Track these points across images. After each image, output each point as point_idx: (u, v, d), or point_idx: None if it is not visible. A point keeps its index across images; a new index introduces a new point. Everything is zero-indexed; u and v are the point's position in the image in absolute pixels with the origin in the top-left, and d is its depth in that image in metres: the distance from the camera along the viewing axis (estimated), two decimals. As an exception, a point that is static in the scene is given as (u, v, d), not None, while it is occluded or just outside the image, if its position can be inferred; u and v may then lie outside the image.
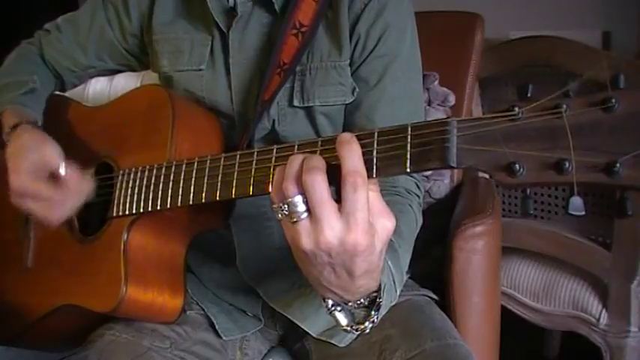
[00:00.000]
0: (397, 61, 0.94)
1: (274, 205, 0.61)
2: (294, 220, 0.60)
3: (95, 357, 0.88)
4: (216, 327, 0.98)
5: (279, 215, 0.61)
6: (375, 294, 0.68)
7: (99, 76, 1.21)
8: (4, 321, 1.03)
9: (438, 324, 0.94)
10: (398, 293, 0.77)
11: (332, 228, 0.58)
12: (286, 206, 0.60)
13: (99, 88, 1.73)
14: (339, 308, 0.68)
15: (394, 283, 0.76)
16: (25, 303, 1.00)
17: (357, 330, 0.69)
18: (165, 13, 1.04)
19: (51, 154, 0.90)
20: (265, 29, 0.97)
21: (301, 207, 0.59)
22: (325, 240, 0.59)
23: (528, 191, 0.58)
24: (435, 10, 1.41)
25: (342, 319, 0.69)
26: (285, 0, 0.95)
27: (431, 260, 1.23)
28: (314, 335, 0.95)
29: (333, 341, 0.93)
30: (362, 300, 0.68)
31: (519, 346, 1.89)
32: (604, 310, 1.51)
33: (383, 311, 0.70)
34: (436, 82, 1.38)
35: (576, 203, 0.54)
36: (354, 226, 0.58)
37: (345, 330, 0.69)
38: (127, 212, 0.87)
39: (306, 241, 0.60)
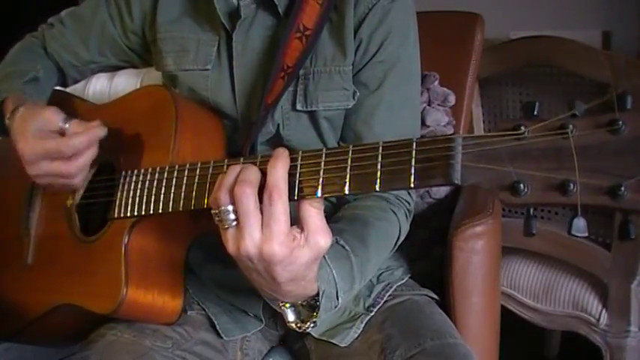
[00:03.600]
0: (398, 67, 0.94)
1: (212, 211, 0.67)
2: (225, 226, 0.66)
3: (96, 357, 0.88)
4: (217, 327, 0.98)
5: (215, 220, 0.67)
6: (316, 297, 0.74)
7: (101, 71, 1.21)
8: (3, 317, 1.03)
9: (438, 323, 0.94)
10: (341, 301, 0.79)
11: (252, 238, 0.64)
12: (219, 213, 0.66)
13: (99, 88, 1.73)
14: (288, 305, 0.75)
15: (337, 291, 0.78)
16: (24, 300, 1.00)
17: (299, 328, 0.76)
18: (170, 11, 1.04)
19: (52, 115, 0.90)
20: (269, 32, 0.97)
21: (231, 215, 0.65)
22: (245, 248, 0.64)
23: (532, 211, 0.58)
24: (435, 10, 1.41)
25: (290, 315, 0.76)
26: (289, 2, 0.95)
27: (431, 260, 1.23)
28: (315, 335, 0.95)
29: (334, 341, 0.93)
30: (309, 300, 0.74)
31: (519, 346, 1.89)
32: (604, 310, 1.51)
33: (323, 314, 0.75)
34: (436, 82, 1.38)
35: (579, 225, 0.54)
36: (270, 237, 0.63)
37: (290, 326, 0.76)
38: (128, 214, 0.86)
39: (231, 247, 0.66)
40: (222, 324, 0.98)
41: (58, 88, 1.14)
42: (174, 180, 0.81)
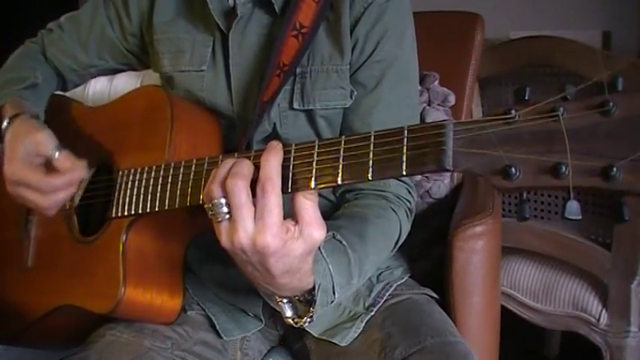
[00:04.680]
0: (395, 66, 0.95)
1: (205, 205, 0.68)
2: (219, 219, 0.66)
3: (96, 357, 0.88)
4: (217, 327, 0.98)
5: (209, 214, 0.67)
6: (313, 291, 0.74)
7: (100, 75, 1.21)
8: (3, 320, 1.03)
9: (438, 322, 0.94)
10: (337, 296, 0.80)
11: (245, 230, 0.64)
12: (212, 206, 0.66)
13: (99, 88, 1.73)
14: (285, 300, 0.75)
15: (334, 286, 0.79)
16: (24, 302, 1.00)
17: (296, 323, 0.76)
18: (166, 12, 1.04)
19: (43, 141, 0.90)
20: (265, 30, 0.97)
21: (224, 209, 0.65)
22: (238, 240, 0.64)
23: (525, 195, 0.58)
24: (435, 10, 1.41)
25: (287, 310, 0.76)
26: (285, 1, 0.95)
27: (431, 260, 1.23)
28: (315, 335, 0.95)
29: (334, 340, 0.93)
30: (306, 295, 0.74)
31: (519, 346, 1.89)
32: (604, 310, 1.51)
33: (319, 309, 0.75)
34: (436, 82, 1.38)
35: (573, 208, 0.54)
36: (263, 229, 0.63)
37: (287, 321, 0.76)
38: (125, 213, 0.87)
39: (224, 240, 0.66)
40: (221, 324, 0.98)
41: (56, 92, 1.14)
42: (169, 177, 0.81)
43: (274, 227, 0.63)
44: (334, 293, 0.79)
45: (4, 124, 0.95)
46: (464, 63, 1.41)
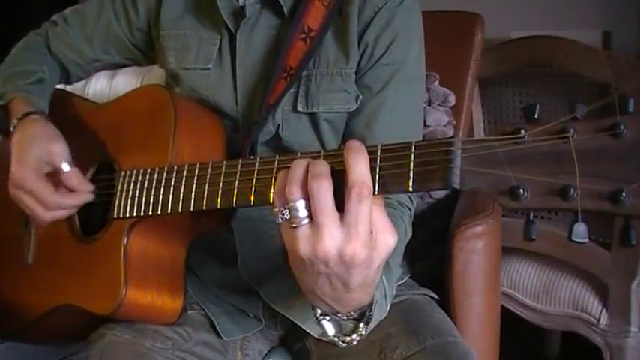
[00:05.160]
0: (402, 70, 0.94)
1: (275, 209, 0.61)
2: (294, 225, 0.59)
3: (96, 357, 0.88)
4: (217, 327, 0.98)
5: (279, 219, 0.60)
6: (366, 307, 0.68)
7: (105, 69, 1.21)
8: (3, 318, 1.03)
9: (438, 322, 0.94)
10: (388, 307, 0.78)
11: (333, 237, 0.57)
12: (287, 211, 0.59)
13: (99, 88, 1.73)
14: (327, 317, 0.68)
15: (386, 297, 0.77)
16: (24, 300, 1.00)
17: (343, 341, 0.69)
18: (174, 8, 1.04)
19: (57, 152, 0.90)
20: (273, 32, 0.96)
21: (302, 212, 0.59)
22: (324, 249, 0.58)
23: (531, 216, 0.56)
24: (435, 10, 1.41)
25: (330, 328, 0.69)
26: (293, 3, 0.94)
27: (431, 260, 1.23)
28: (315, 336, 0.95)
29: (334, 341, 0.93)
30: (352, 312, 0.68)
31: (519, 346, 1.89)
32: (604, 310, 1.51)
33: (372, 325, 0.71)
34: (436, 82, 1.38)
35: (579, 230, 0.53)
36: (355, 238, 0.57)
37: (332, 340, 0.70)
38: (127, 215, 0.86)
39: (304, 248, 0.59)
40: (222, 324, 0.98)
41: (59, 86, 1.14)
42: (172, 181, 0.80)
43: (365, 236, 0.57)
44: (387, 305, 0.76)
45: (18, 117, 0.95)
46: (464, 63, 1.41)
